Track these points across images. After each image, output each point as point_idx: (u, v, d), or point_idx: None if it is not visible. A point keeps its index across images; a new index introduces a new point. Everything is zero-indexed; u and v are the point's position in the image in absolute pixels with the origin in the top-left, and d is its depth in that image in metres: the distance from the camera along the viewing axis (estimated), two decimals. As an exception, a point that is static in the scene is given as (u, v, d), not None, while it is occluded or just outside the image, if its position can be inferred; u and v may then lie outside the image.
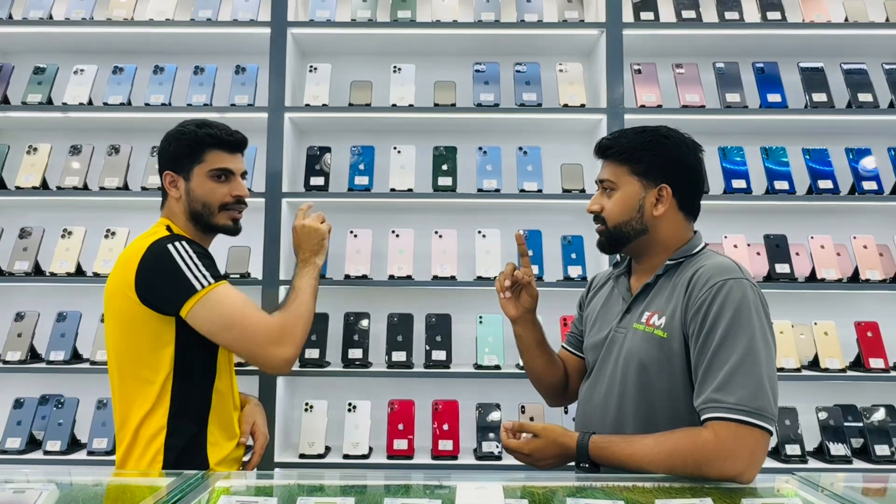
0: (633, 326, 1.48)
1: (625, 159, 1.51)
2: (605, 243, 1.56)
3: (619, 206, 1.51)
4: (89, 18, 2.77)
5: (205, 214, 1.73)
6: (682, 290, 1.42)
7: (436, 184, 2.70)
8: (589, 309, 1.71)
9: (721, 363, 1.30)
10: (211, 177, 1.73)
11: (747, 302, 1.33)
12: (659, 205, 1.49)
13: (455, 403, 2.60)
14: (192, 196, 1.73)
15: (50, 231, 2.73)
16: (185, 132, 1.74)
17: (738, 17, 2.75)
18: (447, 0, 2.78)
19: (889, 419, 2.56)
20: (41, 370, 2.60)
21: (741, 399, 1.26)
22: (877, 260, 2.64)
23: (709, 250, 1.52)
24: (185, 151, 1.73)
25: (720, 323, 1.32)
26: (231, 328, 1.56)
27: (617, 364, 1.49)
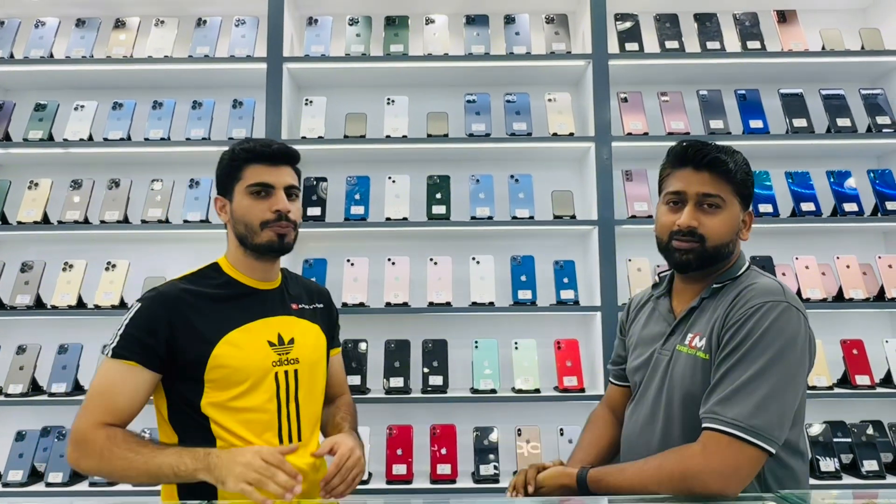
0: (676, 348, 1.46)
1: (734, 178, 1.44)
2: (693, 262, 1.45)
3: (725, 225, 1.44)
4: (89, 56, 2.84)
5: (248, 236, 1.56)
6: (724, 309, 1.39)
7: (430, 212, 2.76)
8: (630, 332, 1.68)
9: (732, 378, 1.30)
10: (249, 193, 1.55)
11: (782, 325, 1.31)
12: (744, 230, 1.49)
13: (452, 427, 2.64)
14: (236, 217, 1.58)
15: (51, 264, 2.78)
16: (227, 153, 1.61)
17: (719, 46, 2.84)
18: (438, 34, 2.87)
19: (877, 435, 2.61)
20: (43, 402, 2.63)
21: (738, 414, 1.26)
22: (860, 279, 2.71)
23: (753, 270, 1.49)
24: (227, 171, 1.60)
25: (746, 342, 1.31)
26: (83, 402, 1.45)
27: (661, 390, 1.47)
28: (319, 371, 1.67)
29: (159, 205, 2.77)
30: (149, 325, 1.45)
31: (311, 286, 1.79)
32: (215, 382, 1.48)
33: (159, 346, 1.45)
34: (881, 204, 2.74)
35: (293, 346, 1.58)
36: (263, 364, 1.52)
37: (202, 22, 2.90)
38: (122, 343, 1.44)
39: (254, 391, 1.50)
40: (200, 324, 1.48)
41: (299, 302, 1.68)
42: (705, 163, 1.43)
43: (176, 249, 2.92)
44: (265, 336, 1.55)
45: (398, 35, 2.87)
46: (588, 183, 2.83)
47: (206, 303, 1.52)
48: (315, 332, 1.68)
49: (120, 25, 2.91)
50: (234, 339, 1.50)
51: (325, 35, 2.88)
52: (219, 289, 1.56)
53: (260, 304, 1.59)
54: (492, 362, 2.68)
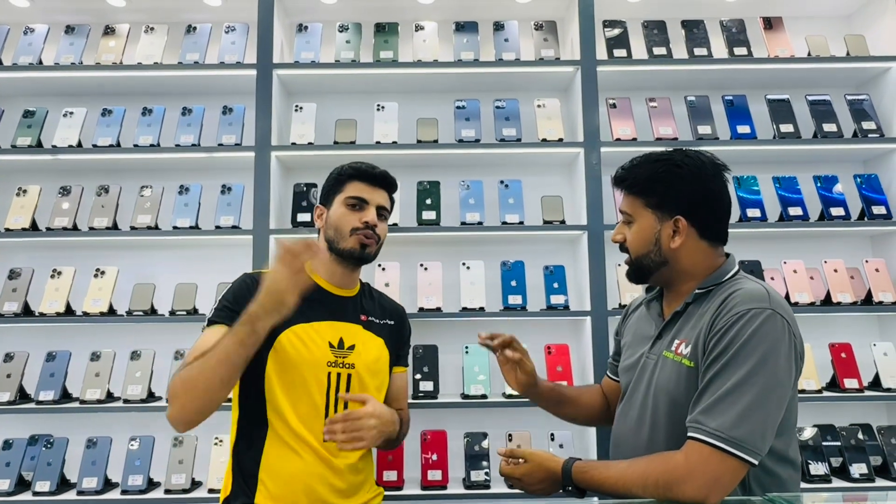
0: (663, 354, 1.47)
1: (637, 192, 1.50)
2: (631, 274, 1.57)
3: (636, 238, 1.51)
4: (78, 63, 2.84)
5: (336, 239, 1.78)
6: (710, 316, 1.39)
7: (420, 218, 2.76)
8: (626, 333, 1.72)
9: (716, 387, 1.30)
10: (346, 204, 1.79)
11: (765, 333, 1.30)
12: (676, 237, 1.47)
13: (443, 433, 2.64)
14: (329, 223, 1.81)
15: (39, 271, 2.76)
16: (334, 168, 1.88)
17: (706, 52, 2.87)
18: (428, 40, 2.88)
19: (866, 438, 2.62)
20: (30, 410, 2.60)
21: (721, 425, 1.27)
22: (848, 283, 2.73)
23: (742, 275, 1.48)
24: (332, 184, 1.86)
25: (730, 349, 1.31)
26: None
27: (648, 393, 1.48)
28: (375, 382, 1.78)
29: (148, 211, 2.76)
30: (238, 297, 1.63)
31: (386, 303, 1.95)
32: (275, 366, 1.64)
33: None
34: (868, 208, 2.76)
35: (352, 352, 1.73)
36: (319, 361, 1.68)
37: (192, 29, 2.90)
38: (216, 313, 1.64)
39: (307, 382, 1.66)
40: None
41: (370, 315, 1.84)
42: (615, 183, 1.58)
43: (165, 256, 2.92)
44: (328, 337, 1.71)
45: (388, 42, 2.89)
46: (577, 188, 2.84)
47: None
48: (378, 345, 1.81)
49: (109, 32, 2.91)
50: (298, 332, 1.67)
51: (314, 42, 2.88)
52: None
53: (331, 307, 1.76)
54: (482, 367, 2.67)
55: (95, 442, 2.60)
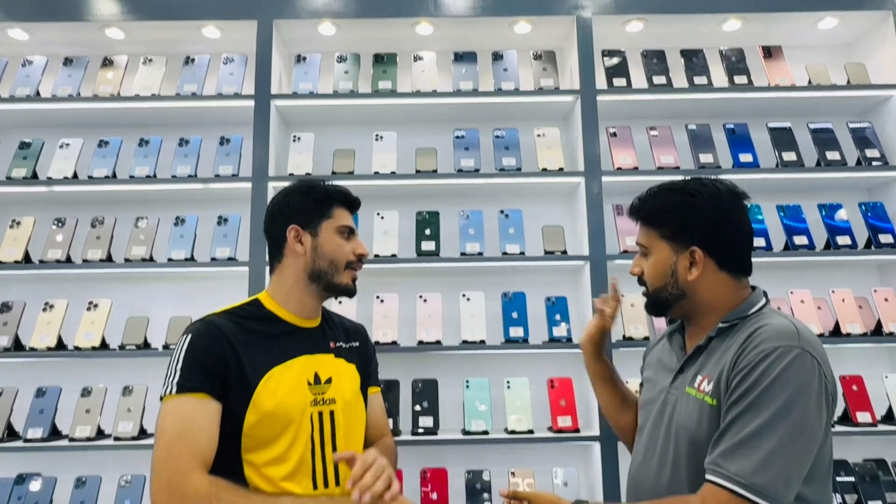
0: (685, 390, 1.41)
1: (652, 222, 1.47)
2: (650, 307, 1.52)
3: (652, 270, 1.47)
4: (76, 94, 2.83)
5: (330, 272, 1.59)
6: (734, 352, 1.32)
7: (419, 248, 2.72)
8: (646, 364, 1.67)
9: (738, 428, 1.24)
10: (339, 233, 1.63)
11: (793, 373, 1.24)
12: (693, 269, 1.42)
13: (443, 471, 2.55)
14: (320, 252, 1.60)
15: (31, 304, 2.71)
16: (313, 186, 1.65)
17: (706, 81, 2.86)
18: (426, 70, 2.88)
19: (881, 473, 2.54)
20: (18, 449, 2.52)
21: (741, 470, 1.21)
22: (856, 313, 2.67)
23: (769, 309, 1.42)
24: (314, 206, 1.63)
25: (755, 389, 1.24)
26: (155, 447, 1.36)
27: (669, 432, 1.42)
28: (357, 412, 1.64)
29: (143, 243, 2.72)
30: (206, 353, 1.43)
31: (347, 323, 1.79)
32: (254, 421, 1.44)
33: (219, 373, 1.43)
34: (874, 237, 2.72)
35: (330, 385, 1.57)
36: (301, 404, 1.50)
37: (190, 60, 2.90)
38: (186, 374, 1.40)
39: (289, 432, 1.47)
40: (246, 359, 1.46)
41: (338, 340, 1.68)
42: (631, 214, 1.54)
43: (160, 288, 2.87)
44: (304, 375, 1.54)
45: (386, 72, 2.88)
46: (579, 218, 2.80)
47: (250, 337, 1.50)
48: (352, 371, 1.66)
49: (108, 64, 2.91)
50: (275, 377, 1.49)
51: (313, 72, 2.88)
52: (262, 324, 1.55)
53: (301, 341, 1.59)
54: (483, 402, 2.60)
55: (85, 481, 2.53)
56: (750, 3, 2.86)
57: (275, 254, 1.64)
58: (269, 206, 1.67)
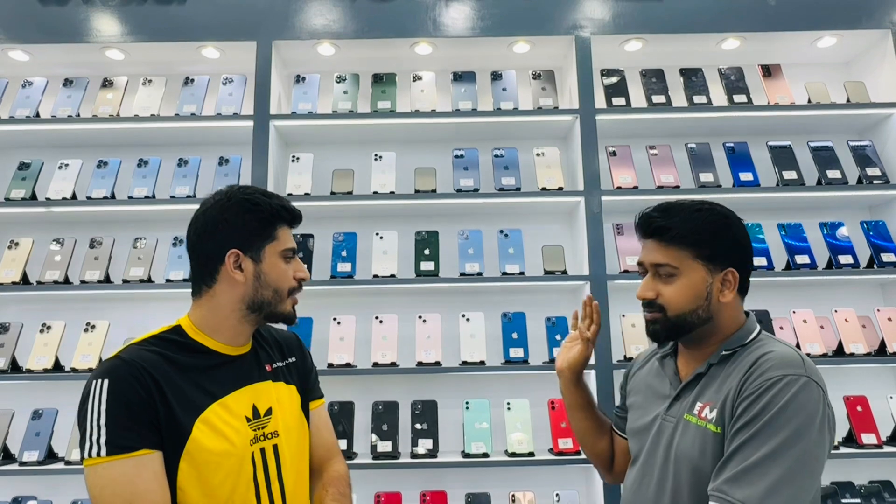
0: (684, 417, 1.38)
1: (686, 243, 1.38)
2: (661, 332, 1.41)
3: (684, 293, 1.38)
4: (76, 115, 2.83)
5: (273, 302, 1.37)
6: (738, 378, 1.31)
7: (418, 268, 2.71)
8: (631, 389, 1.61)
9: (745, 455, 1.22)
10: (283, 257, 1.39)
11: (801, 402, 1.23)
12: (725, 290, 1.38)
13: (443, 494, 2.52)
14: (264, 281, 1.36)
15: (29, 325, 2.70)
16: (257, 202, 1.38)
17: (705, 100, 2.85)
18: (426, 90, 2.88)
19: (887, 495, 2.51)
20: (14, 472, 2.50)
21: (748, 497, 1.18)
22: (860, 333, 2.65)
23: (766, 336, 1.41)
24: (258, 227, 1.37)
25: (762, 417, 1.23)
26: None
27: (668, 459, 1.38)
28: (303, 438, 1.46)
29: (141, 263, 2.71)
30: (132, 400, 1.21)
31: (279, 337, 1.56)
32: (189, 471, 1.24)
33: (152, 420, 1.22)
34: (876, 255, 2.70)
35: (270, 417, 1.37)
36: (243, 444, 1.30)
37: (189, 80, 2.90)
38: (114, 431, 1.18)
39: (230, 476, 1.28)
40: (175, 400, 1.25)
41: (273, 360, 1.47)
42: (650, 232, 1.41)
43: (158, 309, 2.85)
44: (242, 410, 1.33)
45: (385, 92, 2.88)
46: (578, 237, 2.79)
47: (178, 373, 1.28)
48: (291, 394, 1.46)
49: (107, 84, 2.92)
50: (209, 419, 1.28)
51: (312, 92, 2.88)
52: (187, 357, 1.32)
53: (234, 372, 1.37)
54: (484, 424, 2.57)
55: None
56: (749, 22, 2.86)
57: (203, 276, 1.37)
58: (200, 221, 1.38)
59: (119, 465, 1.17)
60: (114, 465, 1.17)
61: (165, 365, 1.27)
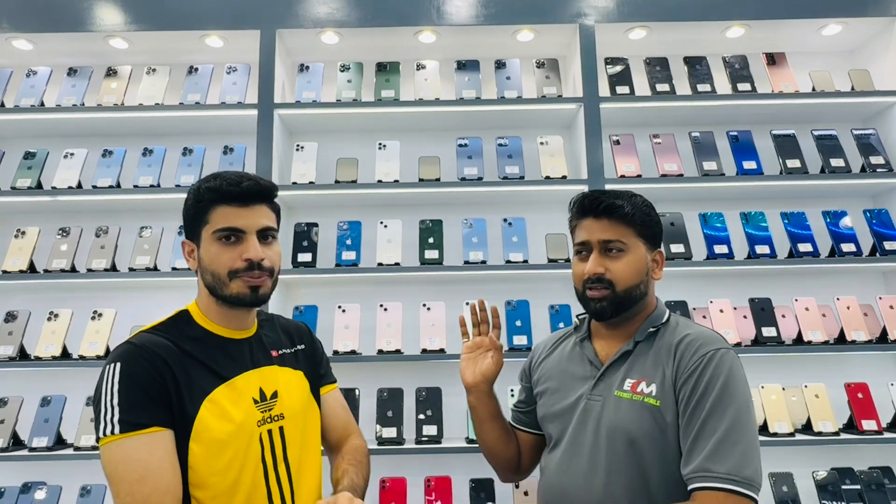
0: (613, 394, 1.44)
1: (633, 221, 1.48)
2: (608, 308, 1.46)
3: (631, 268, 1.46)
4: (80, 104, 2.84)
5: (217, 286, 1.36)
6: (668, 356, 1.42)
7: (422, 257, 2.72)
8: (540, 377, 1.64)
9: (710, 432, 1.31)
10: (217, 239, 1.35)
11: (735, 371, 1.37)
12: (656, 269, 1.52)
13: (448, 479, 2.55)
14: (203, 266, 1.38)
15: (36, 314, 2.72)
16: (196, 188, 1.39)
17: (710, 88, 2.85)
18: (429, 79, 2.88)
19: (887, 481, 2.53)
20: (23, 458, 2.53)
21: (731, 469, 1.27)
22: (861, 320, 2.66)
23: (680, 317, 1.55)
24: (194, 212, 1.38)
25: (710, 392, 1.34)
26: (115, 497, 1.22)
27: (598, 435, 1.43)
28: (311, 423, 1.50)
29: (147, 252, 2.73)
30: (144, 380, 1.26)
31: (289, 326, 1.61)
32: (198, 451, 1.28)
33: (164, 399, 1.27)
34: (879, 244, 2.71)
35: (276, 400, 1.41)
36: (248, 426, 1.34)
37: (193, 69, 2.91)
38: (127, 409, 1.22)
39: (238, 458, 1.32)
40: (183, 383, 1.29)
41: (279, 347, 1.51)
42: (602, 210, 1.48)
43: (164, 297, 2.86)
44: (248, 393, 1.37)
45: (389, 81, 2.88)
46: (582, 226, 2.80)
47: (184, 358, 1.33)
48: (298, 378, 1.51)
49: (112, 74, 2.92)
50: (216, 399, 1.32)
51: (316, 81, 2.88)
52: (194, 342, 1.37)
53: (238, 356, 1.41)
54: (487, 411, 2.60)
55: (90, 490, 2.53)
56: (753, 10, 2.85)
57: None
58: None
59: (132, 441, 1.21)
60: (126, 441, 1.21)
61: (174, 348, 1.32)
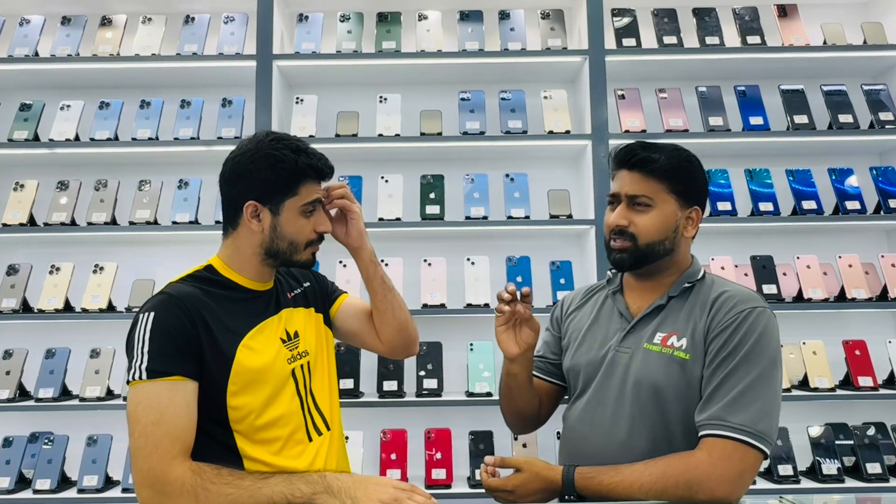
0: (642, 347, 1.44)
1: (663, 176, 1.45)
2: (627, 260, 1.47)
3: (656, 224, 1.45)
4: (75, 55, 2.78)
5: (288, 252, 1.45)
6: (703, 312, 1.42)
7: (424, 212, 2.71)
8: (569, 328, 1.64)
9: (734, 383, 1.32)
10: (303, 212, 1.45)
11: (770, 330, 1.37)
12: (689, 227, 1.49)
13: (447, 432, 2.59)
14: (279, 233, 1.44)
15: (38, 267, 2.73)
16: (281, 159, 1.41)
17: (718, 41, 2.79)
18: (431, 30, 2.81)
19: (880, 437, 2.57)
20: (30, 408, 2.58)
21: (745, 420, 1.28)
22: (862, 279, 2.66)
23: (715, 275, 1.53)
24: (281, 183, 1.43)
25: (740, 348, 1.34)
26: (131, 436, 1.29)
27: (624, 386, 1.44)
28: (328, 357, 1.59)
29: (147, 206, 2.71)
30: (174, 332, 1.32)
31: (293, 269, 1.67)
32: (237, 390, 1.37)
33: (192, 350, 1.33)
34: (884, 202, 2.69)
35: (299, 339, 1.51)
36: (282, 364, 1.44)
37: (190, 19, 2.84)
38: (155, 358, 1.29)
39: (278, 394, 1.42)
40: (218, 329, 1.37)
41: (292, 289, 1.60)
42: (633, 163, 1.46)
43: (165, 251, 2.87)
44: (276, 334, 1.47)
45: (390, 32, 2.82)
46: (585, 182, 2.78)
47: (217, 305, 1.40)
48: (310, 315, 1.59)
49: (106, 23, 2.85)
50: (250, 343, 1.41)
51: (315, 32, 2.82)
52: (224, 291, 1.44)
53: (264, 303, 1.50)
54: (487, 365, 2.63)
55: (96, 440, 2.58)
56: (765, -41, 2.77)
57: (229, 219, 1.47)
58: (228, 166, 1.46)
59: (155, 386, 1.28)
60: (150, 385, 1.29)
61: (205, 298, 1.40)
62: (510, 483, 1.45)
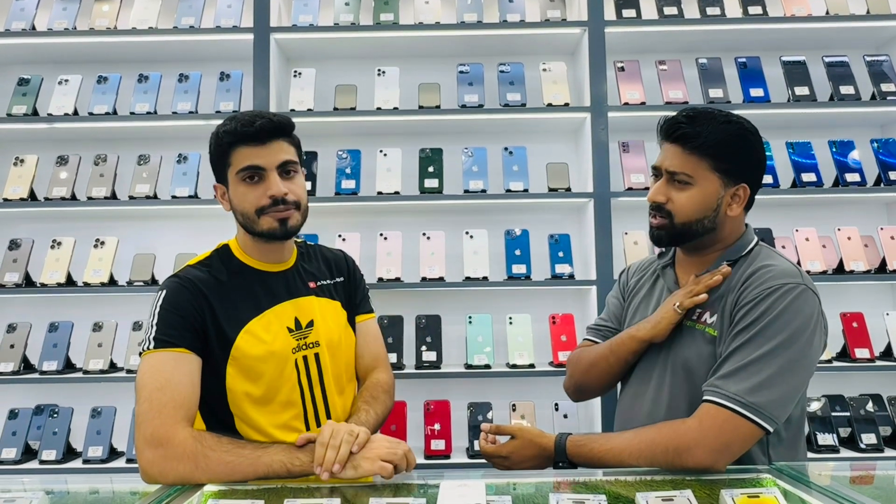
0: (685, 324, 1.42)
1: (706, 153, 1.37)
2: (665, 237, 1.44)
3: (695, 203, 1.39)
4: (72, 28, 2.77)
5: (248, 224, 1.46)
6: (736, 288, 1.36)
7: (422, 186, 2.71)
8: (631, 298, 1.62)
9: (741, 357, 1.28)
10: (241, 179, 1.44)
11: (798, 308, 1.29)
12: (734, 205, 1.41)
13: (446, 403, 2.62)
14: (235, 207, 1.48)
15: (39, 242, 2.74)
16: (216, 132, 1.47)
17: (719, 12, 2.76)
18: (430, 2, 2.79)
19: (876, 408, 2.58)
20: (35, 381, 2.61)
21: (740, 390, 1.25)
22: (861, 251, 2.66)
23: (765, 247, 1.45)
24: (218, 156, 1.48)
25: (759, 323, 1.29)
26: (137, 402, 1.34)
27: (666, 365, 1.44)
28: (347, 349, 1.59)
29: (147, 181, 2.72)
30: (182, 309, 1.39)
31: (330, 257, 1.67)
32: (235, 374, 1.42)
33: (198, 328, 1.40)
34: (884, 174, 2.67)
35: (312, 328, 1.50)
36: (282, 352, 1.46)
37: (187, -8, 2.82)
38: (163, 330, 1.37)
39: (276, 381, 1.45)
40: (222, 313, 1.42)
41: (318, 279, 1.59)
42: (675, 137, 1.40)
43: (165, 226, 2.89)
44: (283, 322, 1.48)
45: (388, 4, 2.79)
46: (584, 155, 2.77)
47: (224, 290, 1.45)
48: (335, 309, 1.58)
49: (103, -4, 2.84)
50: (252, 329, 1.44)
51: (313, 4, 2.80)
52: (233, 275, 1.49)
53: (275, 288, 1.51)
54: (486, 337, 2.64)
55: (100, 411, 2.61)
56: (768, -74, 2.73)
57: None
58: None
59: (161, 355, 1.36)
60: (157, 355, 1.36)
61: (214, 282, 1.46)
62: (505, 449, 1.48)
